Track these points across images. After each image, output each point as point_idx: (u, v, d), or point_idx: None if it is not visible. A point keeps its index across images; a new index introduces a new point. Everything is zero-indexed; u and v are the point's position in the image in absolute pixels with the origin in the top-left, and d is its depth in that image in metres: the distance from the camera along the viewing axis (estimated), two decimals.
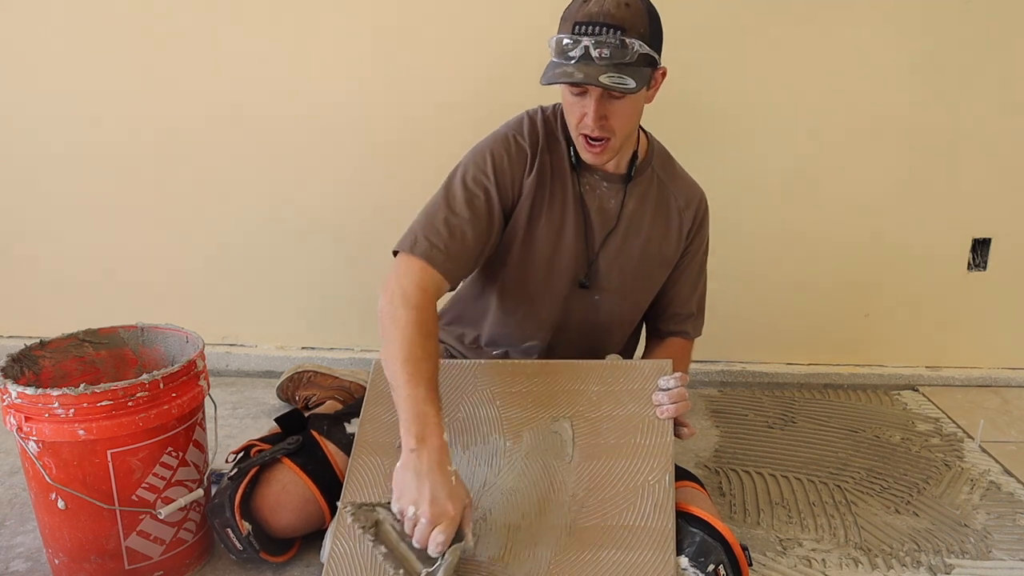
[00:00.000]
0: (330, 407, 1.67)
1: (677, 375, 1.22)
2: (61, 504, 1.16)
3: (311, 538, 1.30)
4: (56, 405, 1.11)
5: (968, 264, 2.06)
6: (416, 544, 1.00)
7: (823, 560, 1.36)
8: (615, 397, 1.23)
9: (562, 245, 1.34)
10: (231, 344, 2.12)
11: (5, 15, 1.89)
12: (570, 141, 1.31)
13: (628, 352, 1.52)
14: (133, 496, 1.18)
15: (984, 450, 1.75)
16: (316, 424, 1.33)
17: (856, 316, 2.10)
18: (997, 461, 1.71)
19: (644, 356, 1.49)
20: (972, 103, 1.94)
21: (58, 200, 2.01)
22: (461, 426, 1.24)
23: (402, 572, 1.01)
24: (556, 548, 1.10)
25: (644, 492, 1.13)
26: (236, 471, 1.25)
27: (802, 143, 1.97)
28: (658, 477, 1.15)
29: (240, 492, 1.22)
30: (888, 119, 1.95)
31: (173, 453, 1.22)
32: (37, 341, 1.30)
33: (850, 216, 2.01)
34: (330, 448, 1.29)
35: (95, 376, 1.35)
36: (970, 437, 1.81)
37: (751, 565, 1.15)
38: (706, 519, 1.12)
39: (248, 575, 1.28)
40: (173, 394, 1.19)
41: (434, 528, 0.98)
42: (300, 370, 1.86)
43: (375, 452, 1.23)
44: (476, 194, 1.25)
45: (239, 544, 1.22)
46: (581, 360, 1.32)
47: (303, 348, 2.11)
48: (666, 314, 1.46)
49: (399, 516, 1.03)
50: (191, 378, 1.23)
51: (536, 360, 1.32)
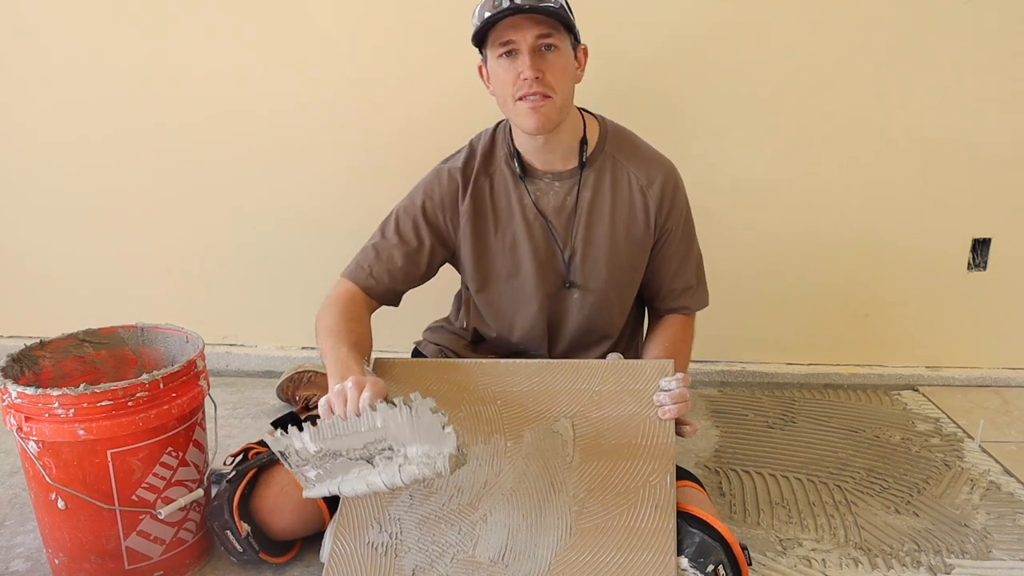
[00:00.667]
0: None
1: (679, 375, 1.22)
2: (61, 504, 1.16)
3: (311, 538, 1.30)
4: (56, 405, 1.11)
5: (968, 264, 2.06)
6: (349, 411, 1.03)
7: (823, 560, 1.36)
8: (616, 397, 1.23)
9: (526, 256, 1.37)
10: (231, 344, 2.12)
11: (5, 16, 1.90)
12: (514, 154, 1.35)
13: (632, 341, 1.52)
14: (133, 496, 1.18)
15: (984, 450, 1.75)
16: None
17: (856, 316, 2.10)
18: (997, 461, 1.71)
19: (645, 337, 1.48)
20: (972, 103, 1.94)
21: (58, 200, 2.01)
22: (462, 426, 1.23)
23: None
24: (556, 549, 1.10)
25: (645, 493, 1.13)
26: (234, 473, 1.25)
27: (801, 143, 1.97)
28: (659, 478, 1.14)
29: (238, 494, 1.22)
30: (888, 119, 1.95)
31: (173, 453, 1.22)
32: (37, 341, 1.30)
33: (850, 216, 2.01)
34: None
35: (95, 376, 1.35)
36: (970, 437, 1.81)
37: (751, 565, 1.14)
38: (706, 519, 1.12)
39: (248, 575, 1.28)
40: (173, 394, 1.19)
41: (361, 389, 1.04)
42: (300, 370, 1.87)
43: None
44: (406, 222, 1.38)
45: (239, 546, 1.22)
46: (582, 360, 1.32)
47: (303, 348, 2.11)
48: (661, 292, 1.45)
49: (325, 414, 1.06)
50: (191, 378, 1.23)
51: (537, 360, 1.32)
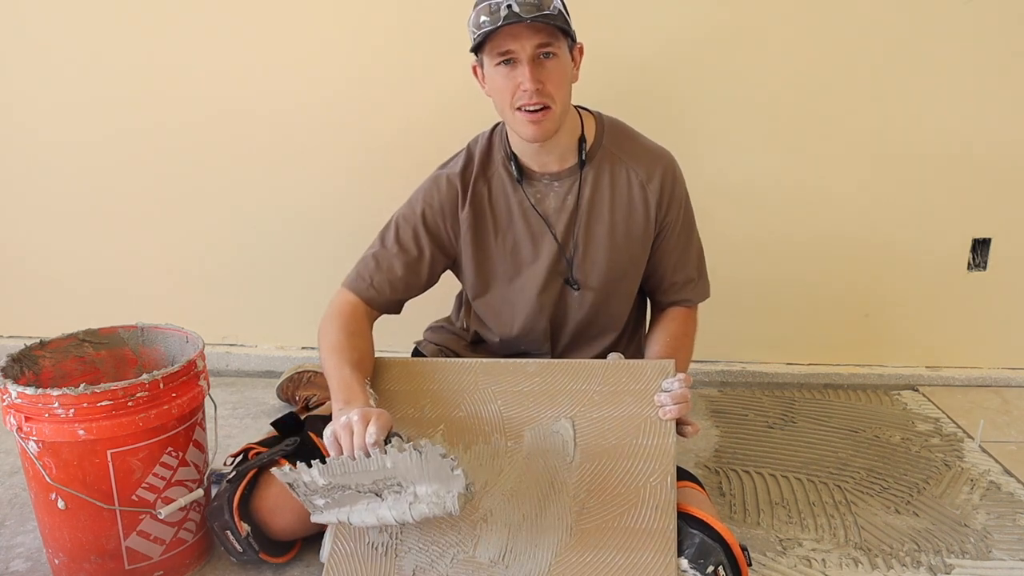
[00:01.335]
0: (329, 408, 1.66)
1: (680, 376, 1.22)
2: (61, 504, 1.16)
3: (311, 539, 1.30)
4: (56, 405, 1.11)
5: (968, 264, 2.06)
6: (356, 448, 1.05)
7: (823, 560, 1.36)
8: (617, 397, 1.23)
9: (528, 258, 1.37)
10: (231, 344, 2.12)
11: (4, 16, 1.90)
12: (511, 157, 1.35)
13: (633, 336, 1.52)
14: (133, 496, 1.18)
15: (984, 450, 1.75)
16: (313, 426, 1.33)
17: (856, 316, 2.10)
18: (997, 461, 1.71)
19: (648, 331, 1.48)
20: (972, 103, 1.94)
21: (58, 200, 2.02)
22: (462, 425, 1.23)
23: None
24: (557, 549, 1.10)
25: (645, 494, 1.13)
26: (234, 474, 1.25)
27: (801, 143, 1.97)
28: (659, 479, 1.14)
29: (238, 494, 1.22)
30: (887, 119, 1.95)
31: (173, 453, 1.22)
32: (37, 341, 1.30)
33: (850, 217, 2.01)
34: (328, 450, 1.29)
35: (95, 376, 1.35)
36: (970, 437, 1.81)
37: (751, 565, 1.14)
38: (705, 520, 1.12)
39: (248, 575, 1.28)
40: (173, 394, 1.19)
41: (367, 423, 1.05)
42: (300, 370, 1.87)
43: None
44: (406, 230, 1.37)
45: (239, 546, 1.22)
46: (583, 360, 1.32)
47: (303, 348, 2.11)
48: (663, 286, 1.45)
49: (332, 447, 1.08)
50: (191, 378, 1.23)
51: (537, 360, 1.32)
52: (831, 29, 1.89)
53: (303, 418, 1.40)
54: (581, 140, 1.34)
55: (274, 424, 1.37)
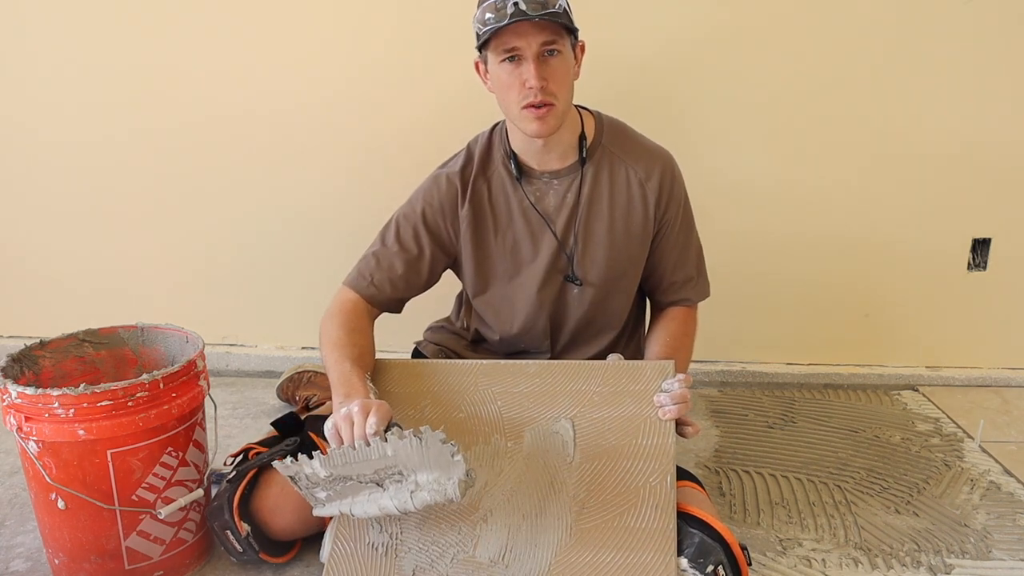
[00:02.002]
0: (330, 408, 1.66)
1: (680, 376, 1.22)
2: (61, 504, 1.16)
3: (311, 539, 1.30)
4: (56, 405, 1.11)
5: (968, 264, 2.06)
6: (357, 438, 1.06)
7: (823, 560, 1.36)
8: (617, 398, 1.23)
9: (528, 256, 1.38)
10: (231, 344, 2.12)
11: (4, 17, 1.90)
12: (511, 156, 1.35)
13: (633, 335, 1.52)
14: (133, 496, 1.18)
15: (984, 450, 1.75)
16: (313, 426, 1.33)
17: (856, 316, 2.10)
18: (997, 461, 1.71)
19: (648, 330, 1.48)
20: (972, 103, 1.94)
21: (58, 200, 2.02)
22: (462, 426, 1.23)
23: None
24: (556, 549, 1.10)
25: (645, 493, 1.13)
26: (234, 473, 1.25)
27: (800, 143, 1.97)
28: (659, 478, 1.14)
29: (238, 494, 1.22)
30: (887, 119, 1.95)
31: (173, 453, 1.22)
32: (37, 341, 1.30)
33: (850, 216, 2.01)
34: (328, 449, 1.29)
35: (95, 376, 1.35)
36: (970, 437, 1.81)
37: (751, 565, 1.14)
38: (705, 520, 1.12)
39: (248, 575, 1.28)
40: (173, 394, 1.19)
41: (367, 414, 1.06)
42: (300, 370, 1.87)
43: None
44: (406, 229, 1.38)
45: (239, 546, 1.22)
46: (583, 361, 1.32)
47: (303, 348, 2.11)
48: (662, 285, 1.45)
49: (333, 438, 1.09)
50: (191, 378, 1.23)
51: (538, 360, 1.32)
52: (831, 29, 1.89)
53: (303, 418, 1.40)
54: (581, 138, 1.35)
55: (274, 424, 1.38)
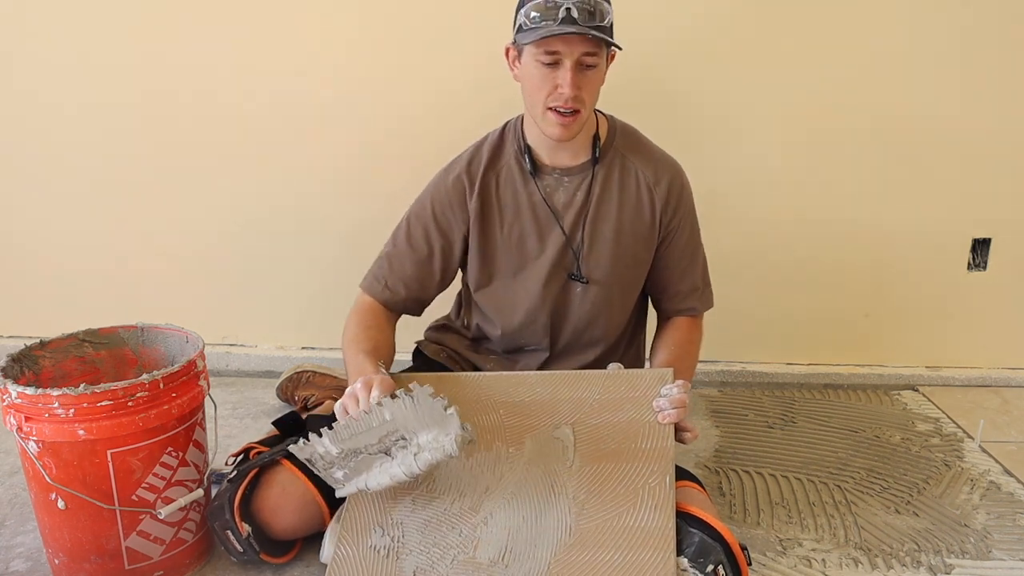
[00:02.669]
0: (328, 408, 1.66)
1: (679, 382, 1.23)
2: (61, 504, 1.16)
3: (311, 539, 1.30)
4: (56, 405, 1.11)
5: (968, 264, 2.06)
6: (361, 409, 1.11)
7: (823, 560, 1.36)
8: (616, 404, 1.24)
9: (534, 250, 1.38)
10: (231, 344, 2.12)
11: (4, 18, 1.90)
12: (525, 150, 1.36)
13: (633, 341, 1.52)
14: (133, 496, 1.18)
15: (984, 450, 1.75)
16: (314, 425, 1.33)
17: (856, 316, 2.10)
18: (997, 461, 1.71)
19: (654, 339, 1.49)
20: (973, 103, 1.94)
21: (58, 200, 2.01)
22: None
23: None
24: (556, 549, 1.10)
25: (644, 494, 1.14)
26: (235, 473, 1.25)
27: (801, 143, 1.97)
28: (658, 479, 1.15)
29: (239, 494, 1.22)
30: (888, 119, 1.95)
31: (173, 453, 1.22)
32: (37, 341, 1.30)
33: (850, 216, 2.01)
34: None
35: (95, 376, 1.35)
36: (970, 437, 1.81)
37: (750, 565, 1.14)
38: (705, 519, 1.13)
39: (248, 575, 1.28)
40: (173, 394, 1.19)
41: (370, 389, 1.12)
42: (299, 370, 1.87)
43: None
44: (417, 228, 1.41)
45: (239, 546, 1.22)
46: (583, 371, 1.34)
47: (303, 348, 2.11)
48: (668, 293, 1.46)
49: (341, 416, 1.14)
50: (191, 378, 1.23)
51: (538, 371, 1.34)
52: (830, 30, 1.89)
53: (304, 418, 1.41)
54: (595, 138, 1.36)
55: (275, 423, 1.38)
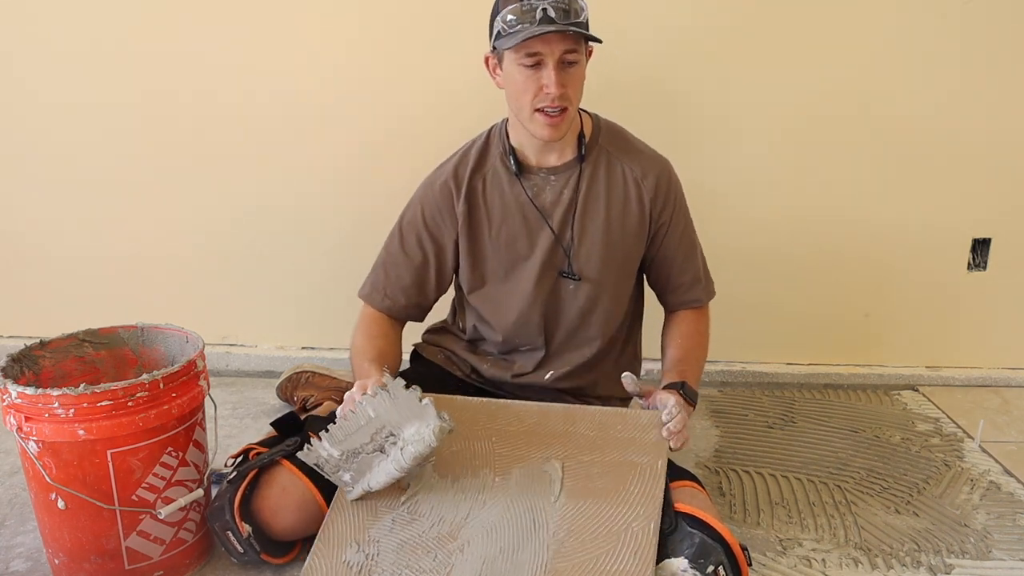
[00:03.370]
0: (327, 408, 1.67)
1: (672, 411, 1.24)
2: (61, 504, 1.16)
3: (311, 539, 1.29)
4: (56, 405, 1.11)
5: (968, 264, 2.06)
6: (348, 408, 1.16)
7: (823, 560, 1.36)
8: (610, 444, 1.23)
9: (524, 251, 1.38)
10: (231, 344, 2.12)
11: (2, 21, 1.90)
12: (510, 152, 1.36)
13: (629, 338, 1.51)
14: (133, 496, 1.18)
15: (984, 450, 1.75)
16: (313, 426, 1.33)
17: (856, 316, 2.10)
18: (997, 461, 1.71)
19: (662, 334, 1.49)
20: (972, 103, 1.94)
21: (58, 200, 2.01)
22: (453, 459, 1.24)
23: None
24: None
25: (626, 538, 1.11)
26: (235, 474, 1.25)
27: (801, 143, 1.97)
28: (642, 524, 1.12)
29: (239, 494, 1.22)
30: (888, 119, 1.95)
31: (173, 453, 1.22)
32: (37, 341, 1.30)
33: (849, 216, 2.01)
34: None
35: (95, 376, 1.35)
36: (970, 437, 1.81)
37: (751, 565, 1.14)
38: (705, 520, 1.12)
39: (248, 575, 1.28)
40: (173, 394, 1.19)
41: (364, 390, 1.16)
42: (299, 370, 1.86)
43: None
44: (409, 236, 1.42)
45: (240, 546, 1.22)
46: (581, 406, 1.33)
47: (303, 348, 2.11)
48: (671, 286, 1.47)
49: (343, 417, 1.17)
50: (191, 378, 1.23)
51: (536, 403, 1.33)
52: (831, 30, 1.89)
53: (303, 418, 1.40)
54: (580, 136, 1.37)
55: (273, 424, 1.37)
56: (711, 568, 1.08)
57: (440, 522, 1.16)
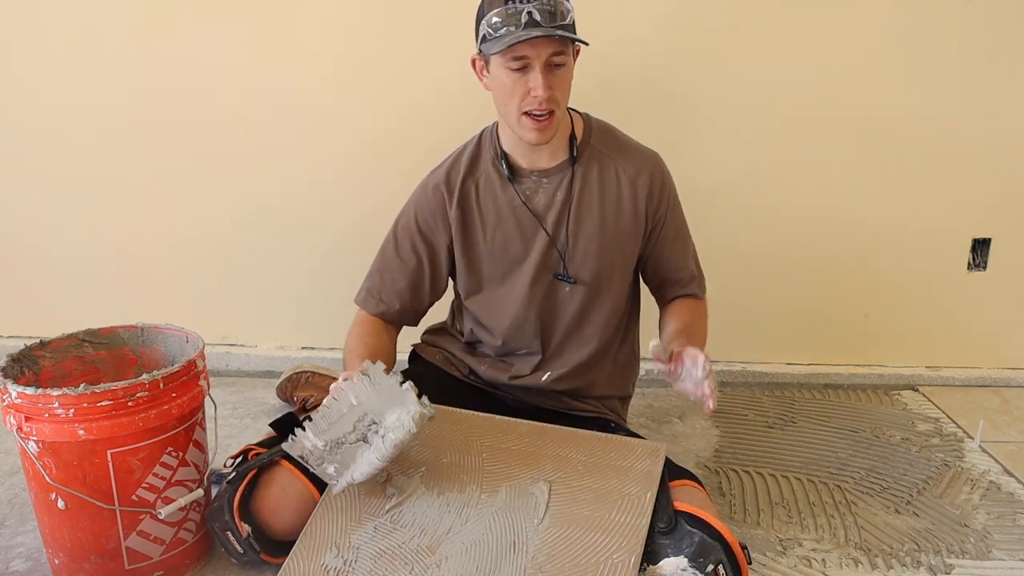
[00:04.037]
0: None
1: (702, 363, 1.13)
2: (61, 504, 1.16)
3: None
4: (56, 405, 1.11)
5: (968, 264, 2.06)
6: (332, 395, 1.16)
7: (823, 560, 1.36)
8: (601, 470, 1.22)
9: (518, 255, 1.39)
10: (231, 344, 2.12)
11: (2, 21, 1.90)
12: (502, 156, 1.37)
13: (627, 336, 1.50)
14: (133, 496, 1.18)
15: (984, 450, 1.75)
16: None
17: (856, 316, 2.10)
18: (997, 461, 1.71)
19: (660, 324, 1.46)
20: (972, 103, 1.94)
21: (58, 200, 2.01)
22: (443, 472, 1.24)
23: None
24: None
25: (605, 569, 1.09)
26: (234, 474, 1.25)
27: (801, 143, 1.97)
28: (623, 556, 1.10)
29: (239, 494, 1.22)
30: (888, 119, 1.95)
31: (173, 453, 1.22)
32: (37, 341, 1.30)
33: (849, 216, 2.01)
34: None
35: (95, 376, 1.35)
36: (970, 437, 1.81)
37: (751, 564, 1.15)
38: (705, 519, 1.13)
39: (248, 575, 1.28)
40: (173, 394, 1.19)
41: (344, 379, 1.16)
42: (299, 370, 1.86)
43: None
44: (404, 241, 1.43)
45: (239, 547, 1.22)
46: (576, 429, 1.32)
47: (303, 348, 2.11)
48: (667, 283, 1.46)
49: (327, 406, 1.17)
50: (191, 378, 1.23)
51: (532, 423, 1.32)
52: (830, 30, 1.89)
53: (302, 419, 1.40)
54: (571, 137, 1.37)
55: (272, 425, 1.38)
56: (711, 567, 1.08)
57: (421, 534, 1.16)
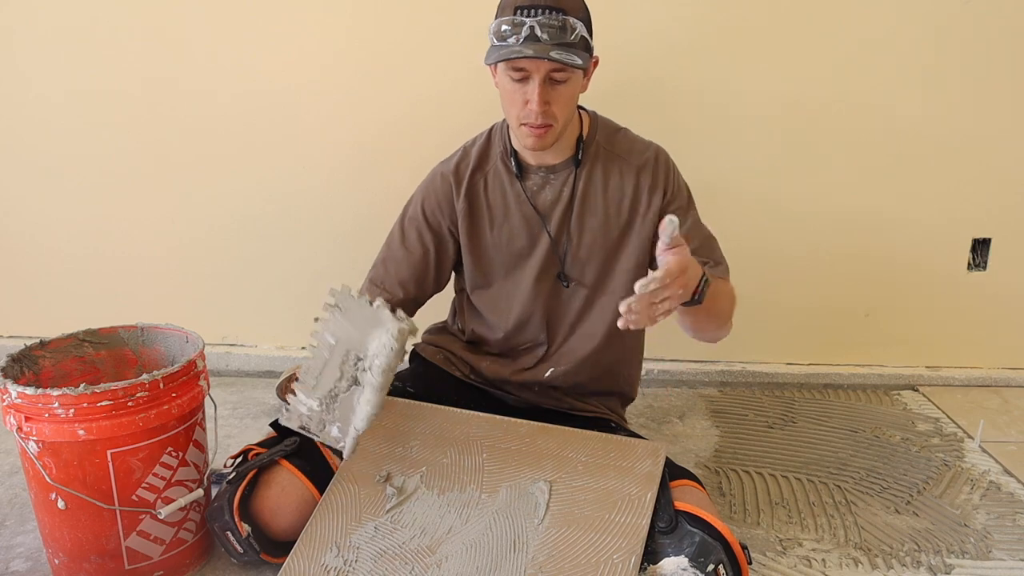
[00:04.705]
0: None
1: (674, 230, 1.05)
2: (61, 504, 1.16)
3: None
4: (56, 405, 1.11)
5: (968, 264, 2.06)
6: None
7: (823, 560, 1.36)
8: (601, 470, 1.22)
9: (524, 250, 1.39)
10: (231, 344, 2.12)
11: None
12: (510, 152, 1.37)
13: (636, 334, 1.49)
14: (133, 496, 1.18)
15: (984, 450, 1.75)
16: None
17: (856, 316, 2.10)
18: (997, 461, 1.71)
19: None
20: (972, 103, 1.94)
21: (58, 200, 2.01)
22: (443, 471, 1.24)
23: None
24: None
25: (605, 569, 1.09)
26: (234, 474, 1.25)
27: (801, 143, 1.97)
28: (623, 557, 1.10)
29: (239, 494, 1.22)
30: (889, 119, 1.95)
31: (173, 453, 1.22)
32: (37, 341, 1.30)
33: (849, 216, 2.01)
34: (327, 449, 1.29)
35: (95, 376, 1.35)
36: (970, 437, 1.81)
37: (751, 564, 1.14)
38: (706, 519, 1.13)
39: (248, 575, 1.28)
40: (173, 394, 1.19)
41: None
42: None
43: (354, 480, 1.24)
44: (410, 230, 1.43)
45: (239, 547, 1.22)
46: (576, 430, 1.31)
47: (303, 348, 2.11)
48: None
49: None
50: (191, 378, 1.23)
51: (532, 422, 1.32)
52: (830, 31, 1.89)
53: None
54: (579, 136, 1.37)
55: (273, 424, 1.37)
56: (711, 567, 1.08)
57: (421, 534, 1.16)
